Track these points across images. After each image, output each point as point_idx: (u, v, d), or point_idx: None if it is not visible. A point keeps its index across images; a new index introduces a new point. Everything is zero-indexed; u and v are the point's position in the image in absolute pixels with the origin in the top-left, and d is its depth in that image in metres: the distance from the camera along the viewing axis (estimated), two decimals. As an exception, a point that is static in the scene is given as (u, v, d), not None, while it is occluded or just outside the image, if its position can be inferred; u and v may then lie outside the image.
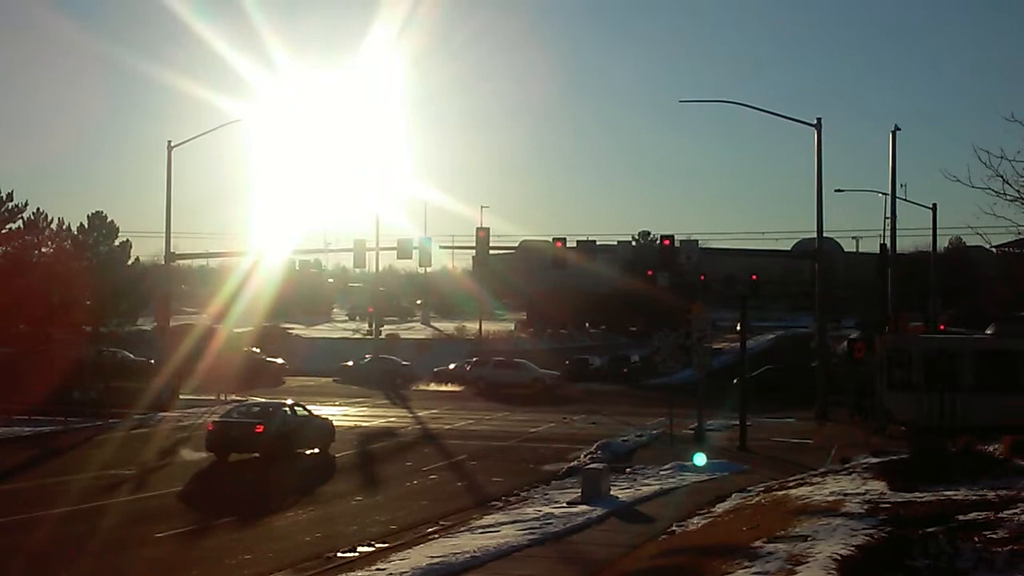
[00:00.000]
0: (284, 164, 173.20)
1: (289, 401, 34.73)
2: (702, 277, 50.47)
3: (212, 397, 48.76)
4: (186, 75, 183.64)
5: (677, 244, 49.40)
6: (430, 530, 21.25)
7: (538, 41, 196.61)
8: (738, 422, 35.64)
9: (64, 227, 75.37)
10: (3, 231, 66.53)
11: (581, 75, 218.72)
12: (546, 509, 22.66)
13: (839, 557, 13.14)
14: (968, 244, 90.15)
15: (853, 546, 13.88)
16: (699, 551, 16.98)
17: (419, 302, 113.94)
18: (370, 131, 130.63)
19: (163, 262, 58.61)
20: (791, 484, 24.31)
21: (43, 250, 71.28)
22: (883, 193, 54.18)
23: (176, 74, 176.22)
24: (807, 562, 13.88)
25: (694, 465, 20.97)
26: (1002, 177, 18.40)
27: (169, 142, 52.90)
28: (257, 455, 30.88)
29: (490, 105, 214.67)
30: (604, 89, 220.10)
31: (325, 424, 34.59)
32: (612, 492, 24.43)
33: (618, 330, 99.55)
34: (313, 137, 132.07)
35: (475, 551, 18.24)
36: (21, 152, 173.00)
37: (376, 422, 44.02)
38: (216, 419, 32.60)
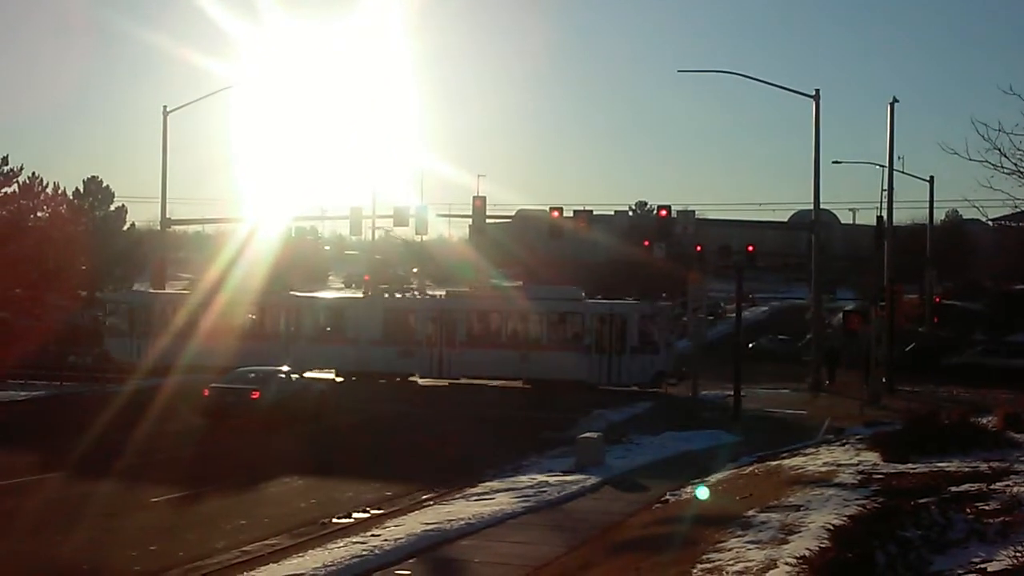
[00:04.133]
0: (280, 131, 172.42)
1: (285, 368, 34.75)
2: (698, 248, 50.37)
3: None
4: (182, 40, 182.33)
5: (674, 214, 49.38)
6: (425, 497, 21.33)
7: (536, 9, 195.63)
8: (732, 392, 35.76)
9: (60, 192, 75.13)
10: (-1, 195, 66.29)
11: (580, 44, 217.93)
12: (541, 477, 22.75)
13: (831, 527, 13.21)
14: (965, 217, 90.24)
15: (846, 516, 13.94)
16: (692, 520, 17.07)
17: (415, 270, 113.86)
18: (367, 99, 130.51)
19: (159, 228, 58.41)
20: (784, 454, 24.40)
21: (38, 215, 71.08)
22: (880, 165, 54.20)
23: (172, 39, 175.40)
24: (800, 531, 13.97)
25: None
26: (999, 150, 18.34)
27: (165, 107, 52.75)
28: (253, 421, 30.91)
29: (488, 73, 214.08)
30: (603, 58, 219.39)
31: (322, 390, 34.65)
32: (607, 461, 24.54)
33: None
34: (309, 104, 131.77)
35: (470, 518, 18.33)
36: (15, 116, 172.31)
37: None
38: (212, 385, 32.62)
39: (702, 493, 21.05)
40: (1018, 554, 10.52)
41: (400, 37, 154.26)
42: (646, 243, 56.79)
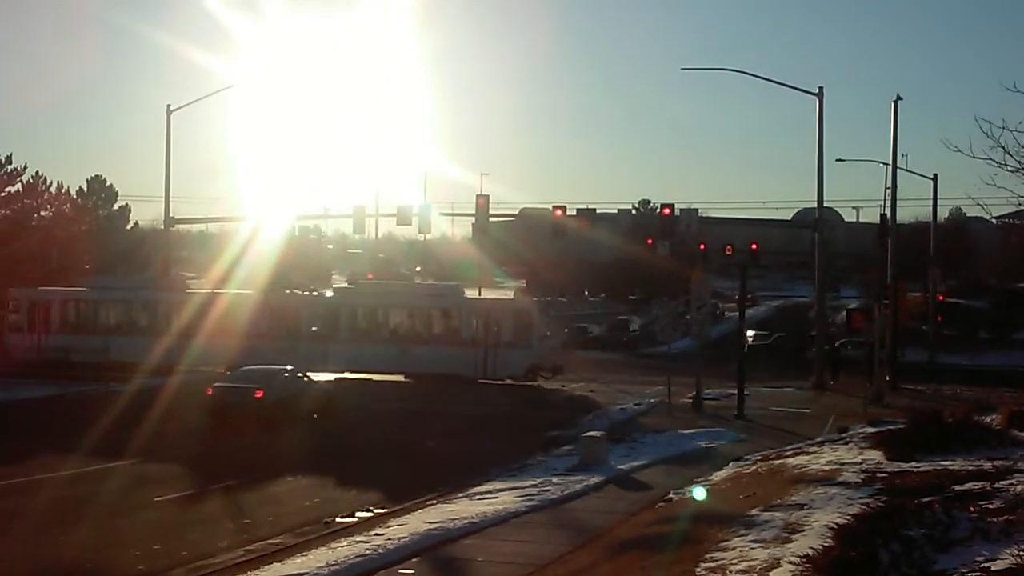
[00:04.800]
0: (284, 129, 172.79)
1: (289, 367, 34.74)
2: (702, 246, 50.31)
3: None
4: (186, 39, 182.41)
5: (677, 213, 49.32)
6: (429, 496, 21.33)
7: (539, 7, 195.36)
8: (736, 391, 35.73)
9: (64, 190, 75.16)
10: (2, 194, 66.39)
11: (582, 42, 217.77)
12: (544, 476, 22.75)
13: (835, 526, 13.19)
14: (969, 215, 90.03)
15: (849, 515, 13.92)
16: (696, 518, 17.05)
17: (418, 269, 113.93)
18: (370, 97, 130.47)
19: (162, 227, 58.37)
20: (788, 453, 24.39)
21: (42, 213, 71.13)
22: (884, 163, 53.98)
23: (176, 37, 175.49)
24: (803, 530, 13.96)
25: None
26: (1003, 148, 18.29)
27: (168, 106, 52.61)
28: (257, 419, 30.90)
29: (491, 72, 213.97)
30: (606, 57, 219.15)
31: (325, 389, 34.66)
32: (610, 460, 24.53)
33: (618, 298, 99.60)
34: (313, 103, 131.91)
35: (473, 517, 18.34)
36: (19, 114, 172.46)
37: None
38: (216, 384, 32.62)
39: (699, 494, 21.08)
40: (1022, 552, 10.51)
41: (403, 36, 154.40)
42: (649, 241, 56.65)
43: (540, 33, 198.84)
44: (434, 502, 20.55)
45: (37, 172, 70.71)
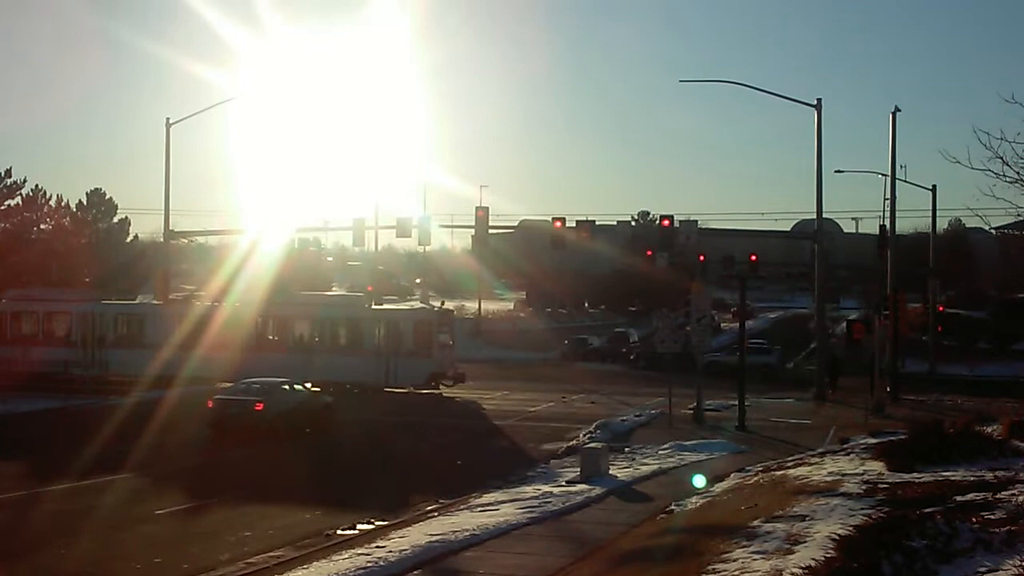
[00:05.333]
0: (283, 142, 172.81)
1: (288, 379, 34.71)
2: (701, 257, 50.34)
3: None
4: (185, 52, 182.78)
5: (677, 224, 49.32)
6: (429, 508, 21.30)
7: (537, 19, 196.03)
8: (737, 402, 35.70)
9: (63, 204, 75.26)
10: (2, 207, 66.49)
11: (582, 54, 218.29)
12: (545, 488, 22.72)
13: (837, 537, 13.18)
14: (967, 226, 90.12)
15: (851, 526, 13.91)
16: (697, 530, 17.03)
17: (418, 281, 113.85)
18: (369, 110, 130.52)
19: (162, 240, 58.40)
20: (789, 464, 24.37)
21: (42, 227, 71.22)
22: (883, 174, 54.20)
23: (175, 50, 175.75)
24: (805, 541, 13.93)
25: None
26: (1002, 159, 18.29)
27: (168, 119, 52.69)
28: (257, 432, 30.87)
29: (490, 84, 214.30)
30: (605, 68, 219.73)
31: (325, 402, 34.63)
32: (611, 471, 24.51)
33: (617, 310, 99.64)
34: (312, 116, 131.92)
35: (474, 529, 18.31)
36: (19, 127, 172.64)
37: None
38: (216, 397, 32.64)
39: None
40: (1024, 563, 10.50)
41: (402, 48, 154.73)
42: (649, 253, 56.70)
43: (539, 46, 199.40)
44: (435, 514, 20.52)
45: (37, 185, 70.82)
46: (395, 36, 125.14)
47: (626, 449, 29.21)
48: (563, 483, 23.37)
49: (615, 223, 64.18)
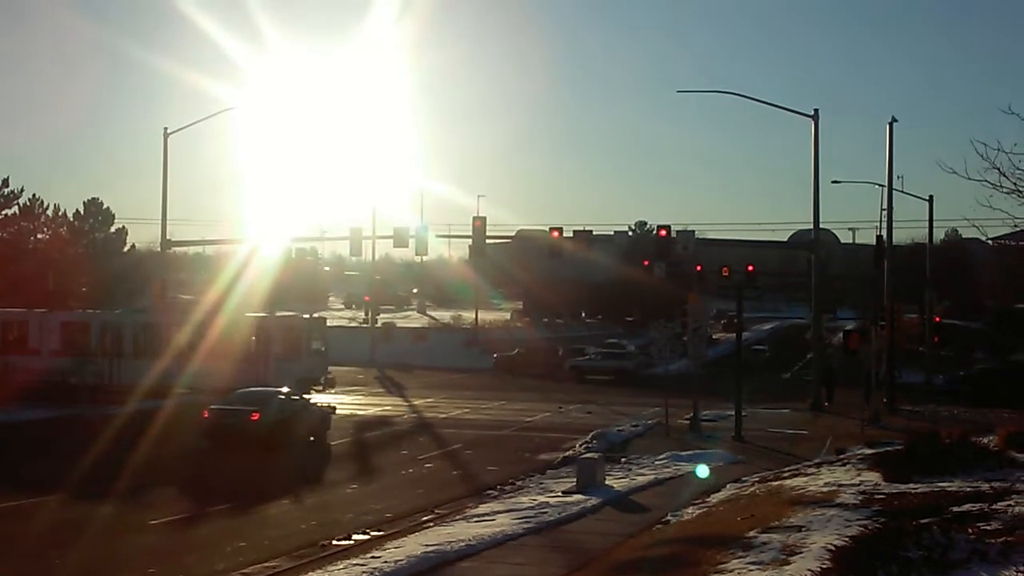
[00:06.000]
0: (281, 152, 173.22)
1: (285, 389, 34.67)
2: (698, 267, 50.38)
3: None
4: (183, 62, 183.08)
5: (674, 234, 49.35)
6: (425, 518, 21.26)
7: (535, 30, 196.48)
8: (733, 412, 35.68)
9: (60, 213, 75.25)
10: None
11: (578, 64, 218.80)
12: (541, 498, 22.68)
13: (833, 548, 13.17)
14: (964, 236, 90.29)
15: (847, 537, 13.90)
16: (693, 541, 17.01)
17: (415, 291, 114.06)
18: (366, 120, 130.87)
19: (159, 249, 58.39)
20: (786, 475, 24.35)
21: (39, 236, 71.21)
22: (880, 185, 54.17)
23: (173, 61, 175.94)
24: (801, 552, 13.91)
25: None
26: (998, 169, 18.33)
27: (165, 129, 52.74)
28: (253, 442, 30.80)
29: (487, 94, 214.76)
30: (601, 79, 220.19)
31: (321, 412, 34.59)
32: (607, 482, 24.46)
33: (614, 320, 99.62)
34: (309, 126, 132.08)
35: (470, 539, 18.26)
36: (16, 137, 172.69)
37: (372, 410, 44.07)
38: (212, 407, 32.53)
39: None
40: (1020, 574, 10.50)
41: (400, 58, 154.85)
42: (646, 263, 56.80)
43: (536, 57, 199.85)
44: (431, 524, 20.48)
45: (34, 195, 70.82)
46: (393, 47, 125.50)
47: (622, 459, 29.19)
48: (559, 493, 23.31)
49: (612, 233, 64.13)
